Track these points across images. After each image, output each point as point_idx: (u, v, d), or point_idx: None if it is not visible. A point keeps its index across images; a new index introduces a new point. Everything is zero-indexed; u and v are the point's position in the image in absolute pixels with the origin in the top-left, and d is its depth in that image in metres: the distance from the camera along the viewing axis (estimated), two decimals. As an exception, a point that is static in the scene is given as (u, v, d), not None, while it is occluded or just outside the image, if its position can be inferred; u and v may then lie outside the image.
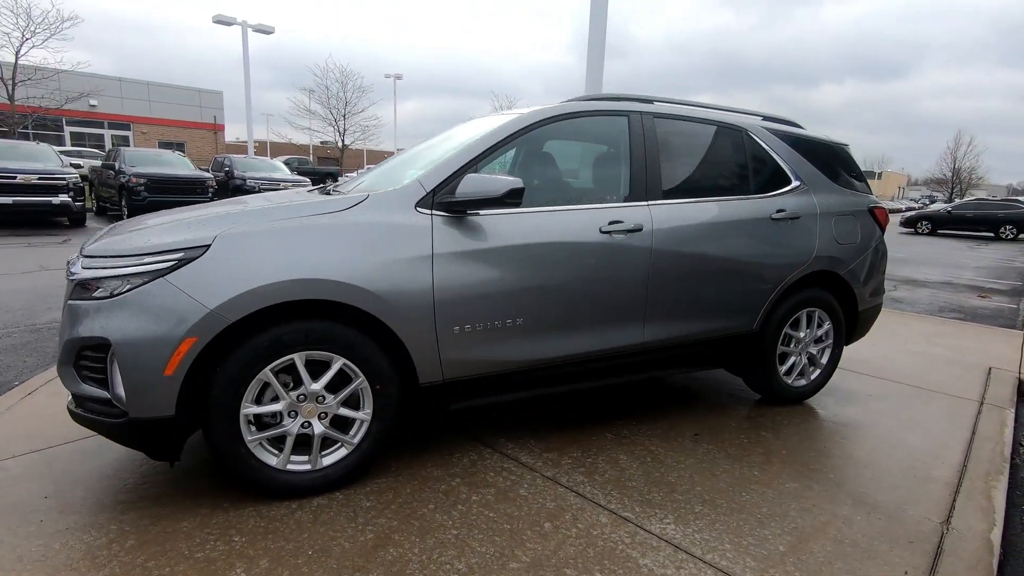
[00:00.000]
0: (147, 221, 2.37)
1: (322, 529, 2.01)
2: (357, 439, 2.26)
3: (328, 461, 2.23)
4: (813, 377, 3.45)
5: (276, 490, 2.16)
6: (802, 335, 3.33)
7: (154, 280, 1.93)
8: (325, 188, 3.10)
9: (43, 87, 20.69)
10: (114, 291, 1.95)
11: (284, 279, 2.00)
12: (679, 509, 2.24)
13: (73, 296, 2.03)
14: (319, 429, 2.18)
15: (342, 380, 2.20)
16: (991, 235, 21.64)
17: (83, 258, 2.09)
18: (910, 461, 2.76)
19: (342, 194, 2.52)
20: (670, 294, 2.81)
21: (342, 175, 25.06)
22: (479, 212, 2.37)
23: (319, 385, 2.15)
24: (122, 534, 1.94)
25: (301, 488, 2.19)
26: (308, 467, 2.20)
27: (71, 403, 2.09)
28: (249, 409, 2.06)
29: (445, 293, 2.27)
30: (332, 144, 36.94)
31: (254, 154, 22.06)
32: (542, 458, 2.61)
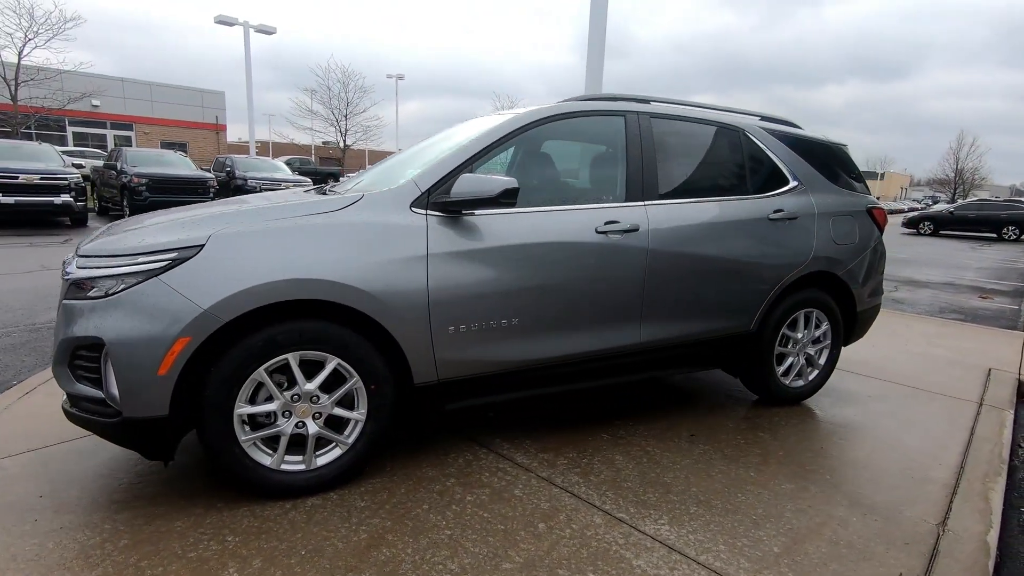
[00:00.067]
0: (143, 221, 2.37)
1: (316, 529, 2.01)
2: (352, 439, 2.25)
3: (322, 461, 2.23)
4: (811, 378, 3.44)
5: (270, 490, 2.16)
6: (800, 336, 3.32)
7: (148, 280, 1.93)
8: (322, 188, 3.10)
9: (46, 87, 20.75)
10: (108, 291, 1.95)
11: (278, 279, 2.00)
12: (674, 510, 2.24)
13: (68, 296, 2.04)
14: (313, 429, 2.18)
15: (337, 380, 2.20)
16: (993, 236, 21.59)
17: (78, 258, 2.09)
18: (908, 462, 2.75)
19: (337, 194, 2.52)
20: (667, 294, 2.80)
21: (344, 175, 25.07)
22: (474, 212, 2.37)
23: (313, 385, 2.15)
24: (116, 533, 1.95)
25: (295, 488, 2.19)
26: (302, 467, 2.20)
27: (66, 403, 2.09)
28: (243, 409, 2.06)
29: (440, 293, 2.26)
30: (334, 144, 37.00)
31: (256, 154, 22.10)
32: (538, 459, 2.60)
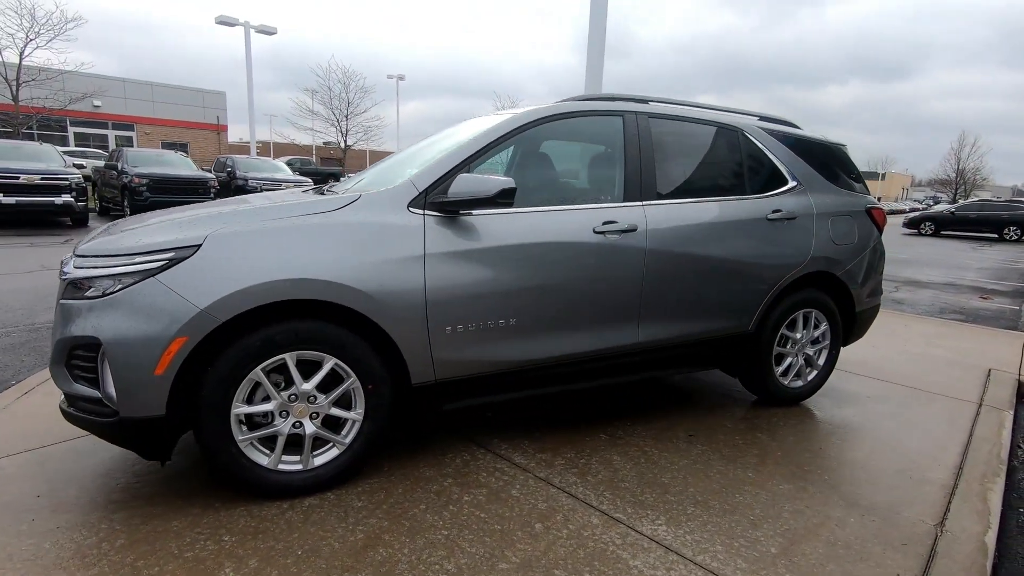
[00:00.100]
0: (141, 221, 2.37)
1: (312, 529, 2.01)
2: (349, 439, 2.25)
3: (320, 461, 2.23)
4: (810, 378, 3.43)
5: (267, 490, 2.16)
6: (798, 336, 3.32)
7: (145, 280, 1.93)
8: (320, 188, 3.10)
9: (47, 88, 20.77)
10: (106, 291, 1.95)
11: (275, 279, 2.00)
12: (671, 510, 2.24)
13: (65, 296, 2.04)
14: (310, 429, 2.18)
15: (334, 380, 2.20)
16: (995, 236, 21.55)
17: (75, 257, 2.09)
18: (906, 463, 2.75)
19: (335, 194, 2.52)
20: (664, 294, 2.80)
21: (345, 175, 25.08)
22: (472, 212, 2.37)
23: (310, 385, 2.15)
24: (112, 533, 1.95)
25: (292, 488, 2.19)
26: (299, 467, 2.20)
27: (63, 402, 2.10)
28: (240, 409, 2.06)
29: (437, 293, 2.26)
30: (335, 145, 37.00)
31: (257, 155, 22.11)
32: (535, 459, 2.60)
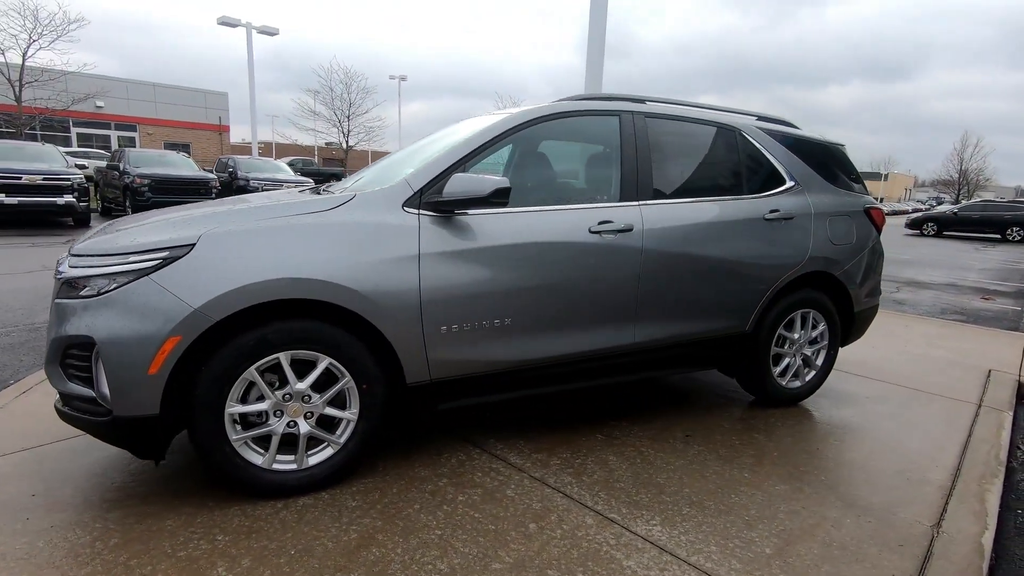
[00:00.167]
0: (137, 220, 2.37)
1: (306, 529, 2.01)
2: (343, 439, 2.25)
3: (314, 460, 2.23)
4: (808, 379, 3.42)
5: (262, 489, 2.16)
6: (796, 336, 3.31)
7: (139, 279, 1.93)
8: (317, 188, 3.10)
9: (50, 88, 20.82)
10: (100, 290, 1.95)
11: (269, 278, 2.00)
12: (666, 511, 2.23)
13: (60, 295, 2.04)
14: (305, 428, 2.18)
15: (328, 379, 2.20)
16: (997, 237, 21.49)
17: (71, 257, 2.10)
18: (904, 464, 2.73)
19: (331, 193, 2.52)
20: (661, 294, 2.79)
21: (346, 176, 25.08)
22: (467, 212, 2.37)
23: (305, 384, 2.15)
24: (106, 532, 1.95)
25: (287, 488, 2.18)
26: (294, 466, 2.20)
27: (58, 401, 2.10)
28: (234, 408, 2.06)
29: (432, 293, 2.26)
30: (337, 145, 37.04)
31: (259, 155, 22.15)
32: (531, 459, 2.60)
